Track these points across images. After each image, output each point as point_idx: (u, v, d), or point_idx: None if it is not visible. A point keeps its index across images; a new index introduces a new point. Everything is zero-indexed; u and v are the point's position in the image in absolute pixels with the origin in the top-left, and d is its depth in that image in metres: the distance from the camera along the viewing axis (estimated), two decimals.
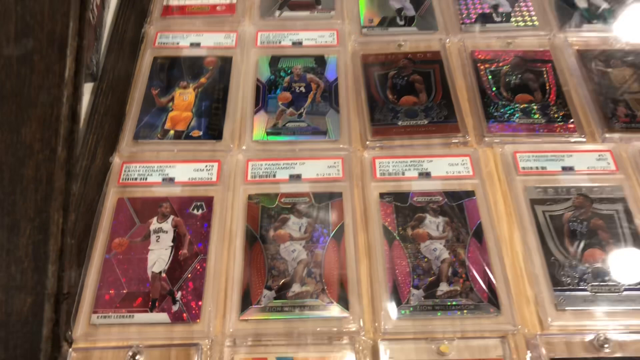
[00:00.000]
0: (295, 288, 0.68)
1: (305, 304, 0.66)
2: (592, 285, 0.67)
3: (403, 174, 0.77)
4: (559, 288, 0.67)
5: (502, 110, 0.84)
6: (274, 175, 0.77)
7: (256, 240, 0.71)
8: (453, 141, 0.81)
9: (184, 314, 0.66)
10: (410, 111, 0.84)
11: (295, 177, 0.77)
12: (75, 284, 0.62)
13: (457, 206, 0.74)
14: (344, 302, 0.66)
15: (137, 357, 0.63)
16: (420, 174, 0.77)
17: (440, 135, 0.81)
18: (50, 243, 0.41)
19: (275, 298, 0.67)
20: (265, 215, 0.74)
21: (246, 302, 0.67)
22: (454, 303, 0.66)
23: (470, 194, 0.75)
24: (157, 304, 0.67)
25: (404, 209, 0.74)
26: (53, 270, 0.41)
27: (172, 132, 0.82)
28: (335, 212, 0.74)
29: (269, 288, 0.68)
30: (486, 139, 0.81)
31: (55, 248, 0.42)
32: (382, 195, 0.75)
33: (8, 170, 0.43)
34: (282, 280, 0.68)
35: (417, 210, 0.74)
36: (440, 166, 0.78)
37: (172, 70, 0.89)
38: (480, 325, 0.65)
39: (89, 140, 0.76)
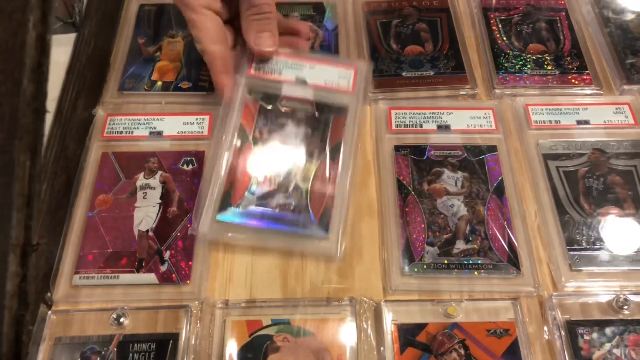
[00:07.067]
0: None
1: None
2: (608, 245, 0.63)
3: (421, 126, 0.72)
4: (573, 247, 0.63)
5: (513, 61, 0.78)
6: None
7: None
8: (461, 93, 0.75)
9: (173, 275, 0.61)
10: (416, 61, 0.78)
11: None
12: (50, 236, 0.57)
13: (477, 161, 0.69)
14: None
15: (121, 320, 0.58)
16: (439, 127, 0.72)
17: (447, 87, 0.76)
18: (14, 187, 0.36)
19: None
20: None
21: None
22: (470, 262, 0.62)
23: (492, 149, 0.70)
24: (144, 264, 0.62)
25: (420, 162, 0.69)
26: (19, 217, 0.36)
27: (159, 83, 0.76)
28: None
29: None
30: (496, 91, 0.75)
31: (21, 193, 0.36)
32: (397, 148, 0.70)
33: None
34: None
35: (434, 165, 0.69)
36: (461, 119, 0.73)
37: (160, 19, 0.83)
38: (499, 287, 0.61)
39: (70, 91, 0.71)
